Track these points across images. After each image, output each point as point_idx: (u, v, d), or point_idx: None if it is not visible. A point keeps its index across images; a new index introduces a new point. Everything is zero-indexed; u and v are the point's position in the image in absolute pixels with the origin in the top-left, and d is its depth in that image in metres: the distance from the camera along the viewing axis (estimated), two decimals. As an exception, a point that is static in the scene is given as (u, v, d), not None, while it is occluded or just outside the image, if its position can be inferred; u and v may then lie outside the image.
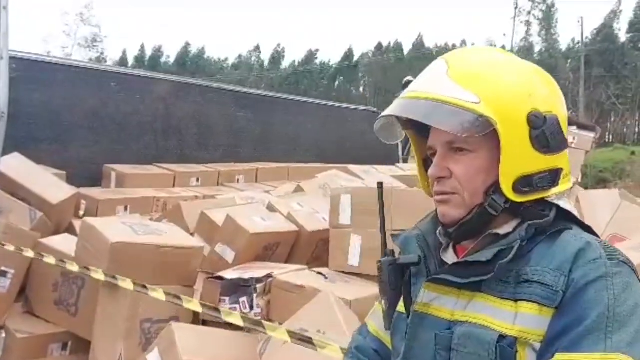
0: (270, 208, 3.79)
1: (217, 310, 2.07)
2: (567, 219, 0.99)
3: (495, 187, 0.96)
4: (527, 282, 0.91)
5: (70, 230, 3.81)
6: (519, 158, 0.94)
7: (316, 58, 55.79)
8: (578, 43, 38.41)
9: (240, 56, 60.06)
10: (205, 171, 6.24)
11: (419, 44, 51.28)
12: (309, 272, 2.94)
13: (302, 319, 2.26)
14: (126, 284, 2.41)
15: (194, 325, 2.76)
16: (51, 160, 4.83)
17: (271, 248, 3.45)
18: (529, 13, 34.64)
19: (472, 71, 0.97)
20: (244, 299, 2.88)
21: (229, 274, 2.93)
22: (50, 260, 2.77)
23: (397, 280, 1.06)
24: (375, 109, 9.33)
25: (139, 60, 53.45)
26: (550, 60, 38.28)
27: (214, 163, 6.55)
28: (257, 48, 60.72)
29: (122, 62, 50.31)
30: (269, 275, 2.87)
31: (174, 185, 5.76)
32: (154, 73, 7.66)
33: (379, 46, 53.74)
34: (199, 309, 2.19)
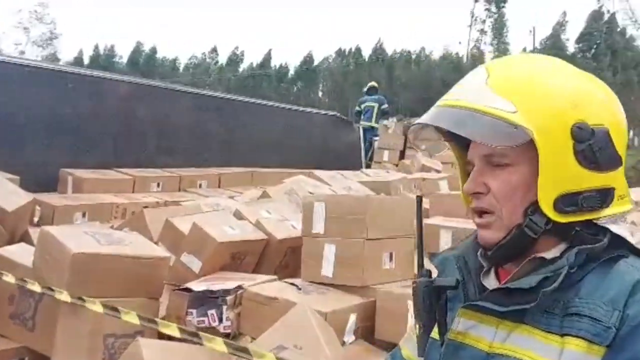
0: (238, 215, 3.70)
1: (197, 335, 1.97)
2: (621, 245, 0.91)
3: (536, 206, 0.88)
4: (575, 315, 0.84)
5: (26, 239, 3.61)
6: (561, 173, 0.86)
7: (270, 58, 55.79)
8: (529, 52, 39.61)
9: (193, 57, 59.50)
10: (167, 176, 6.08)
11: (379, 49, 51.88)
12: (281, 282, 2.86)
13: (277, 333, 2.19)
14: (95, 306, 2.28)
15: (161, 340, 2.64)
16: (3, 164, 4.59)
17: (239, 257, 3.36)
18: (483, 22, 35.57)
19: (513, 79, 0.90)
20: (212, 311, 2.78)
21: (197, 286, 2.83)
22: (9, 279, 2.60)
23: (432, 303, 0.97)
24: (338, 114, 9.33)
25: (94, 60, 52.25)
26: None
27: (176, 167, 6.39)
28: (214, 50, 60.20)
29: (78, 62, 49.05)
30: (239, 287, 2.78)
31: (133, 191, 5.58)
32: (114, 74, 7.43)
33: (339, 51, 54.14)
34: (177, 334, 2.08)
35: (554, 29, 44.10)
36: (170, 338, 2.74)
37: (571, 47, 42.57)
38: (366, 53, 52.45)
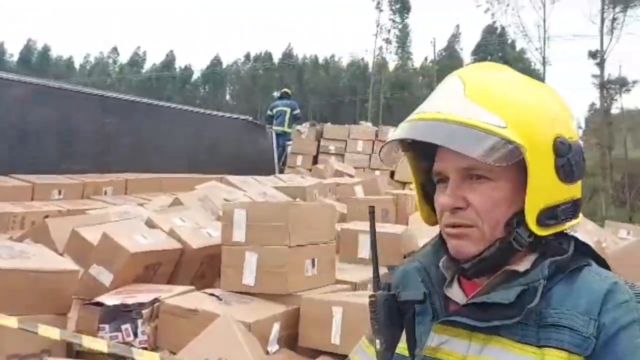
0: (150, 224, 3.55)
1: (128, 350, 1.85)
2: (583, 252, 0.92)
3: (518, 220, 0.88)
4: (553, 327, 0.83)
5: None
6: (544, 188, 0.86)
7: (174, 60, 54.58)
8: (430, 62, 41.52)
9: (88, 55, 57.02)
10: (69, 183, 5.71)
11: (288, 54, 52.33)
12: (200, 293, 2.77)
13: (202, 346, 2.11)
14: (9, 321, 2.08)
15: (69, 359, 2.47)
16: None
17: (153, 268, 3.22)
18: (389, 31, 36.79)
19: (493, 91, 0.88)
20: (126, 326, 2.65)
21: (110, 300, 2.68)
22: None
23: (394, 318, 0.92)
24: (251, 118, 9.23)
25: (-16, 58, 48.52)
26: (404, 75, 41.14)
27: (78, 174, 6.03)
28: (115, 49, 57.99)
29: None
30: (155, 300, 2.66)
31: (32, 199, 5.19)
32: (10, 74, 6.89)
33: (248, 55, 54.09)
34: (105, 349, 1.94)
35: (449, 40, 46.67)
36: (78, 355, 2.58)
37: (466, 58, 45.27)
38: (276, 57, 52.73)
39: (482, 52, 42.39)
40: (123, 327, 2.64)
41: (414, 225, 3.72)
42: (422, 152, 0.95)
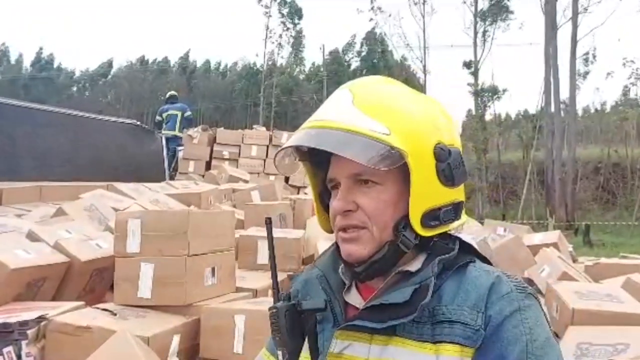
0: (32, 237, 3.31)
1: None
2: (467, 251, 0.99)
3: (405, 223, 0.93)
4: (446, 322, 0.88)
5: None
6: (426, 192, 0.92)
7: (53, 60, 51.26)
8: (319, 67, 42.30)
9: None
10: None
11: (185, 58, 51.41)
12: (91, 309, 2.61)
13: (97, 366, 1.99)
14: None
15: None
16: None
17: (36, 284, 2.99)
18: (280, 36, 36.87)
19: (378, 101, 0.93)
20: (9, 349, 2.44)
21: (-13, 321, 2.45)
22: None
23: (296, 328, 0.94)
24: (139, 122, 8.84)
25: None
26: (290, 80, 41.60)
27: (-57, 183, 5.45)
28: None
29: None
30: (41, 318, 2.47)
31: None
32: None
33: (142, 59, 52.32)
34: None
35: (343, 48, 48.00)
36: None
37: (354, 63, 46.78)
38: (173, 62, 51.65)
39: (364, 60, 44.09)
40: (5, 350, 2.44)
41: (311, 229, 3.77)
42: (318, 162, 0.99)
